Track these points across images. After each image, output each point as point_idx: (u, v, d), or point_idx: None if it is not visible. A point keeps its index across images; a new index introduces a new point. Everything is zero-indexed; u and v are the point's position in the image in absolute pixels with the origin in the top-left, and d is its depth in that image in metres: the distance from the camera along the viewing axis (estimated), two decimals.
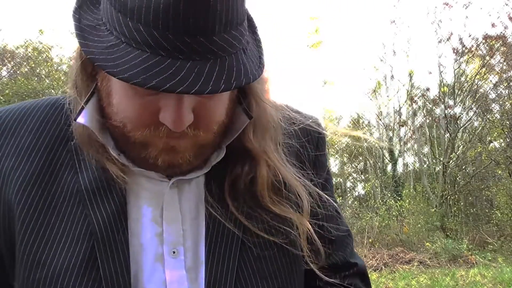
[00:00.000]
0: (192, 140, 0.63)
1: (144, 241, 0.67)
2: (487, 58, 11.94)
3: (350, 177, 16.87)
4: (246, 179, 0.70)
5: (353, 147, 15.39)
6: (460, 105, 12.37)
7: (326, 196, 0.77)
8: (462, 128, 12.23)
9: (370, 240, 9.62)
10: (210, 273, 0.66)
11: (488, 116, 12.47)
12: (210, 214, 0.68)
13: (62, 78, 10.51)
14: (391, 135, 13.63)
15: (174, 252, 0.67)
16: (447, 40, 12.24)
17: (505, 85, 12.07)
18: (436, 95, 13.12)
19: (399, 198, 11.65)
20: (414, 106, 13.60)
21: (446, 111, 12.41)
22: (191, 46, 0.53)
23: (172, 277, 0.66)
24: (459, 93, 12.30)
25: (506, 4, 11.66)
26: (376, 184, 13.52)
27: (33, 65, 11.58)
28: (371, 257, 8.87)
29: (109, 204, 0.66)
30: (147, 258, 0.66)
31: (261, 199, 0.70)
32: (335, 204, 0.82)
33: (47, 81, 10.72)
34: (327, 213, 0.78)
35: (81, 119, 0.63)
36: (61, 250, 0.64)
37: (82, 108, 0.63)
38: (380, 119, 13.85)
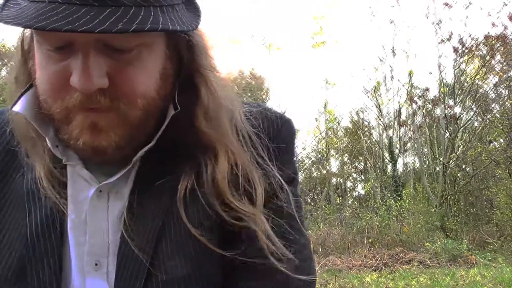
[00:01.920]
0: (114, 116, 0.58)
1: (70, 250, 0.64)
2: (487, 58, 11.94)
3: (350, 177, 16.87)
4: (210, 175, 0.64)
5: (353, 147, 15.40)
6: (460, 105, 12.38)
7: (286, 190, 0.68)
8: (462, 128, 12.24)
9: (370, 240, 9.62)
10: None
11: (488, 116, 12.47)
12: (125, 228, 0.63)
13: None
14: (391, 135, 13.64)
15: (96, 264, 0.63)
16: (447, 40, 12.25)
17: (505, 85, 12.07)
18: (436, 95, 13.12)
19: (399, 198, 11.65)
20: (414, 106, 13.61)
21: (446, 111, 12.41)
22: None
23: None
24: (459, 93, 12.31)
25: (506, 4, 11.67)
26: (376, 184, 13.52)
27: None
28: (371, 257, 8.87)
29: (45, 209, 0.63)
30: (70, 268, 0.63)
31: (223, 193, 0.64)
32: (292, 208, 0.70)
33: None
34: (280, 210, 0.68)
35: (17, 107, 0.61)
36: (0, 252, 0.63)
37: (20, 97, 0.62)
38: (380, 119, 13.85)
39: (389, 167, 13.55)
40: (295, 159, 0.75)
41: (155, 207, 0.64)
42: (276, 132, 0.72)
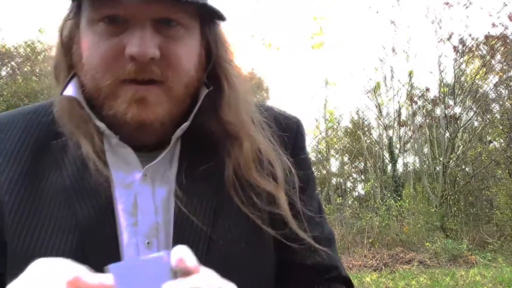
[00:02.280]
0: (161, 91, 0.64)
1: (122, 231, 0.67)
2: (487, 58, 11.94)
3: (350, 177, 16.87)
4: (238, 160, 0.71)
5: (353, 147, 15.39)
6: (460, 105, 12.38)
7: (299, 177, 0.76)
8: (462, 128, 12.24)
9: (370, 240, 9.62)
10: None
11: (488, 116, 12.47)
12: (178, 207, 0.68)
13: None
14: (391, 135, 13.64)
15: (148, 243, 0.67)
16: (447, 40, 12.25)
17: (505, 85, 12.07)
18: (436, 95, 13.12)
19: (399, 198, 11.65)
20: (414, 106, 13.61)
21: (446, 111, 12.41)
22: None
23: None
24: (459, 93, 12.31)
25: (506, 5, 11.67)
26: (376, 184, 13.52)
27: (31, 65, 11.55)
28: (371, 257, 8.87)
29: (94, 197, 0.67)
30: (124, 247, 0.67)
31: (251, 176, 0.71)
32: (316, 202, 0.81)
33: (47, 81, 10.66)
34: (307, 204, 0.77)
35: (69, 90, 0.66)
36: (52, 246, 0.66)
37: (69, 82, 0.67)
38: (380, 119, 13.85)
39: (389, 167, 13.54)
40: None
41: (206, 188, 0.70)
42: (295, 134, 0.80)
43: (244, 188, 0.71)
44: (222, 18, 0.68)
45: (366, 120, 14.92)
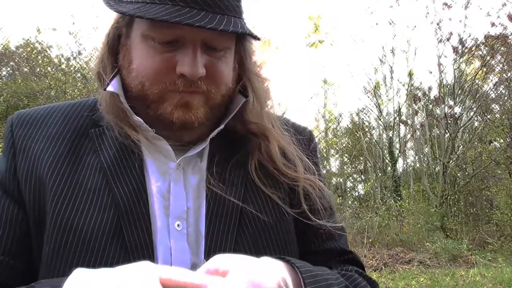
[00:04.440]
0: (204, 97, 0.74)
1: (155, 211, 0.75)
2: (487, 58, 11.94)
3: (350, 178, 16.86)
4: (266, 153, 0.81)
5: (353, 147, 15.38)
6: (460, 105, 12.38)
7: (320, 182, 0.85)
8: (462, 128, 12.23)
9: (370, 240, 9.61)
10: (209, 247, 0.74)
11: (488, 116, 12.47)
12: (210, 194, 0.77)
13: (62, 78, 10.48)
14: (390, 135, 13.63)
15: (178, 225, 0.75)
16: (447, 40, 12.25)
17: (505, 85, 12.06)
18: (436, 95, 13.12)
19: (399, 198, 11.64)
20: (415, 106, 13.60)
21: (446, 111, 12.41)
22: (205, 0, 0.69)
23: (176, 247, 0.74)
24: (459, 93, 12.31)
25: (505, 5, 11.67)
26: (376, 184, 13.51)
27: (31, 65, 11.55)
28: (371, 257, 8.86)
29: (129, 179, 0.75)
30: (157, 226, 0.74)
31: (278, 164, 0.81)
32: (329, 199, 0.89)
33: (47, 81, 10.67)
34: (322, 194, 0.86)
35: (110, 88, 0.75)
36: (90, 218, 0.73)
37: (112, 79, 0.76)
38: (380, 119, 13.84)
39: (389, 167, 13.53)
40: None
41: (235, 178, 0.80)
42: (309, 140, 0.91)
43: (267, 174, 0.81)
44: (257, 38, 0.77)
45: (366, 120, 14.92)
